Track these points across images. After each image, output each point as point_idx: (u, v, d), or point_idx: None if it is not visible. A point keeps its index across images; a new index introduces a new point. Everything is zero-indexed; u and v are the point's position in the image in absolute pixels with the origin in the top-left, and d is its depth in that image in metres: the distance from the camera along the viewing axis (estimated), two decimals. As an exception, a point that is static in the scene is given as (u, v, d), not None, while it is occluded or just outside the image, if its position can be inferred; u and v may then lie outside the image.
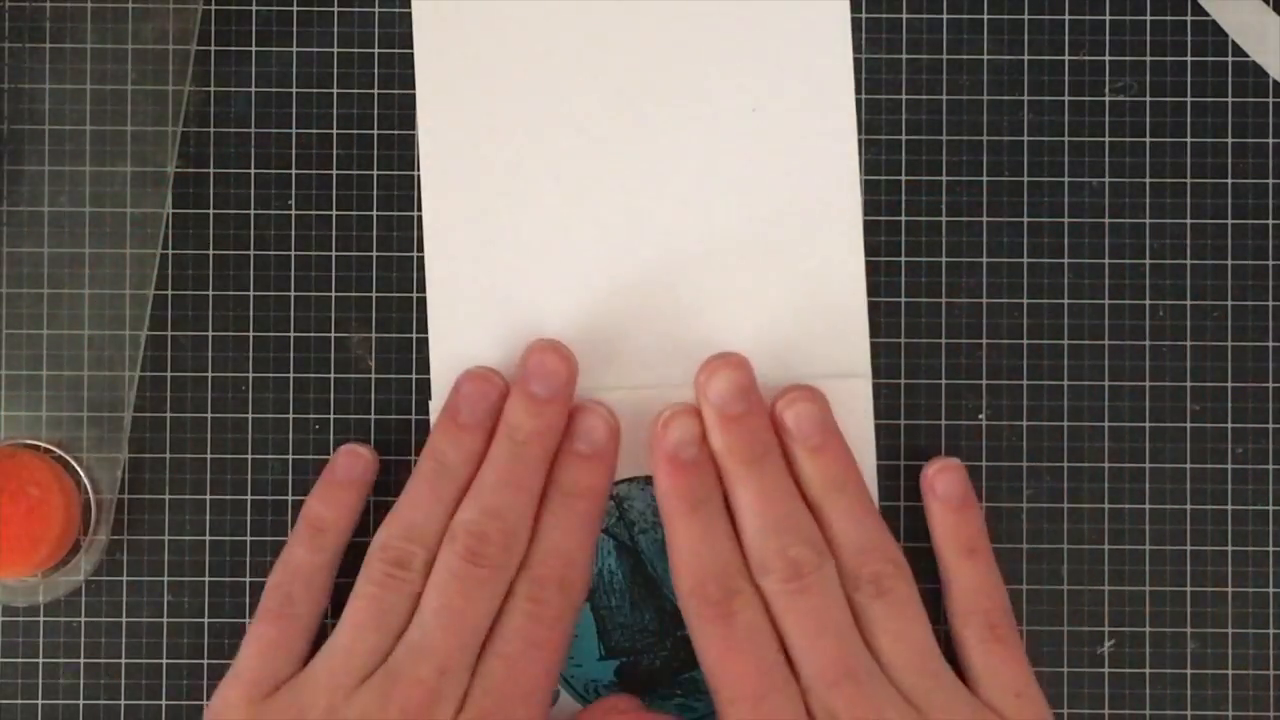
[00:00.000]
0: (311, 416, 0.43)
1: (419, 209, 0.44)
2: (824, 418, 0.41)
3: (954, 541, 0.42)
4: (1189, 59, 0.44)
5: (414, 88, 0.44)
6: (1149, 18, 0.44)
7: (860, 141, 0.44)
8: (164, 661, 0.43)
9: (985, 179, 0.44)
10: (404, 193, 0.44)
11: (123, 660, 0.43)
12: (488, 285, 0.43)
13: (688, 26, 0.43)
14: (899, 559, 0.41)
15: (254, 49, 0.44)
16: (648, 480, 0.42)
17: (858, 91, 0.44)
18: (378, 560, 0.40)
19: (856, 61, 0.44)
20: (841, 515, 0.40)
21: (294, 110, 0.44)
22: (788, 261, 0.43)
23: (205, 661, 0.43)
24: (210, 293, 0.44)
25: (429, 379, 0.43)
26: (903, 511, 0.43)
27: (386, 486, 0.43)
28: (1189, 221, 0.44)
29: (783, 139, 0.43)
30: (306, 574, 0.41)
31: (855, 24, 0.44)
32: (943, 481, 0.42)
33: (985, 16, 0.44)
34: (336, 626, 0.40)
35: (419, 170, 0.43)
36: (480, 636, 0.39)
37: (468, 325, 0.43)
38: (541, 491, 0.40)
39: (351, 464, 0.42)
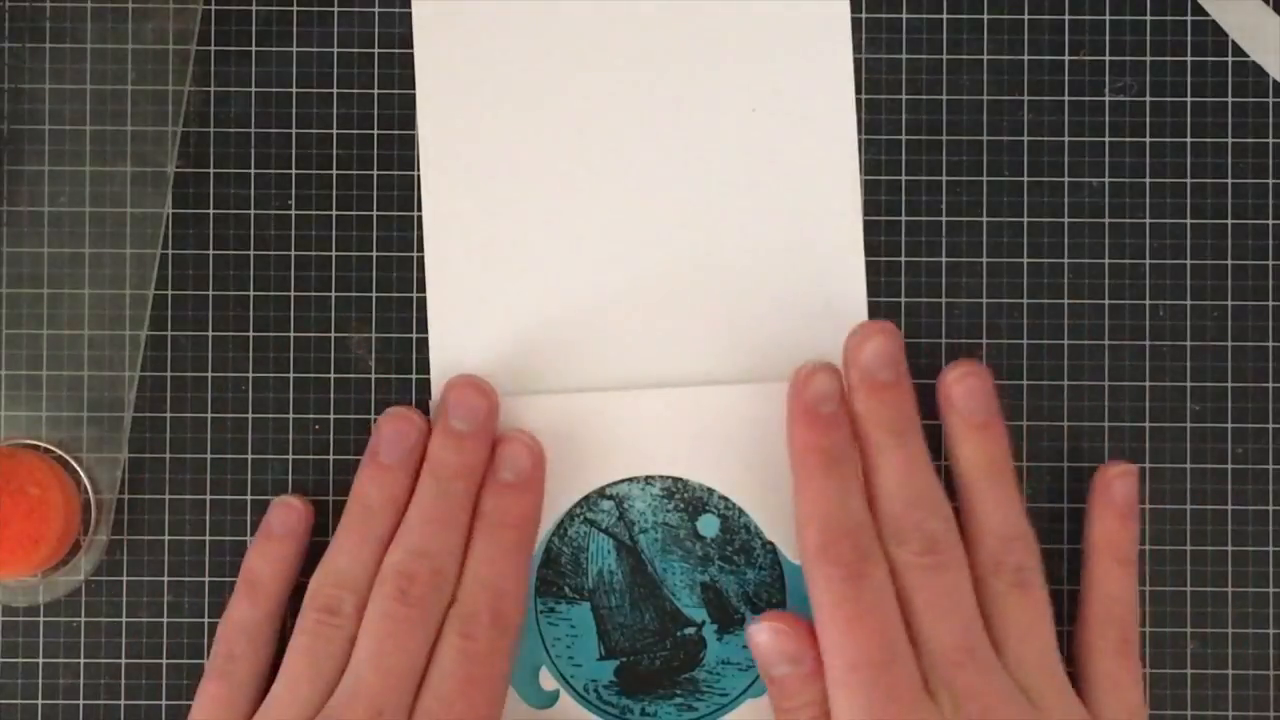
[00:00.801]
0: (311, 416, 0.43)
1: (419, 209, 0.44)
2: (992, 397, 0.41)
3: (1112, 548, 0.41)
4: (1189, 59, 0.44)
5: (414, 88, 0.44)
6: (1149, 18, 0.44)
7: (860, 141, 0.44)
8: (164, 661, 0.43)
9: (985, 179, 0.44)
10: (404, 193, 0.44)
11: (123, 660, 0.43)
12: (487, 286, 0.43)
13: (688, 27, 0.43)
14: (1039, 557, 0.40)
15: (254, 49, 0.44)
16: (648, 480, 0.42)
17: (857, 91, 0.44)
18: (310, 609, 0.40)
19: (856, 61, 0.44)
20: (993, 499, 0.40)
21: (294, 110, 0.44)
22: (788, 262, 0.43)
23: (205, 662, 0.43)
24: (210, 293, 0.44)
25: (429, 379, 0.43)
26: (903, 511, 0.43)
27: (386, 486, 0.43)
28: (1189, 221, 0.44)
29: (783, 139, 0.43)
30: (248, 630, 0.41)
31: (855, 24, 0.44)
32: (1119, 487, 0.42)
33: (985, 16, 0.44)
34: (276, 678, 0.40)
35: (418, 171, 0.43)
36: (415, 677, 0.39)
37: (467, 326, 0.43)
38: (470, 525, 0.41)
39: (285, 516, 0.42)
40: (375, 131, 0.44)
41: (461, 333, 0.43)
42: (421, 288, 0.43)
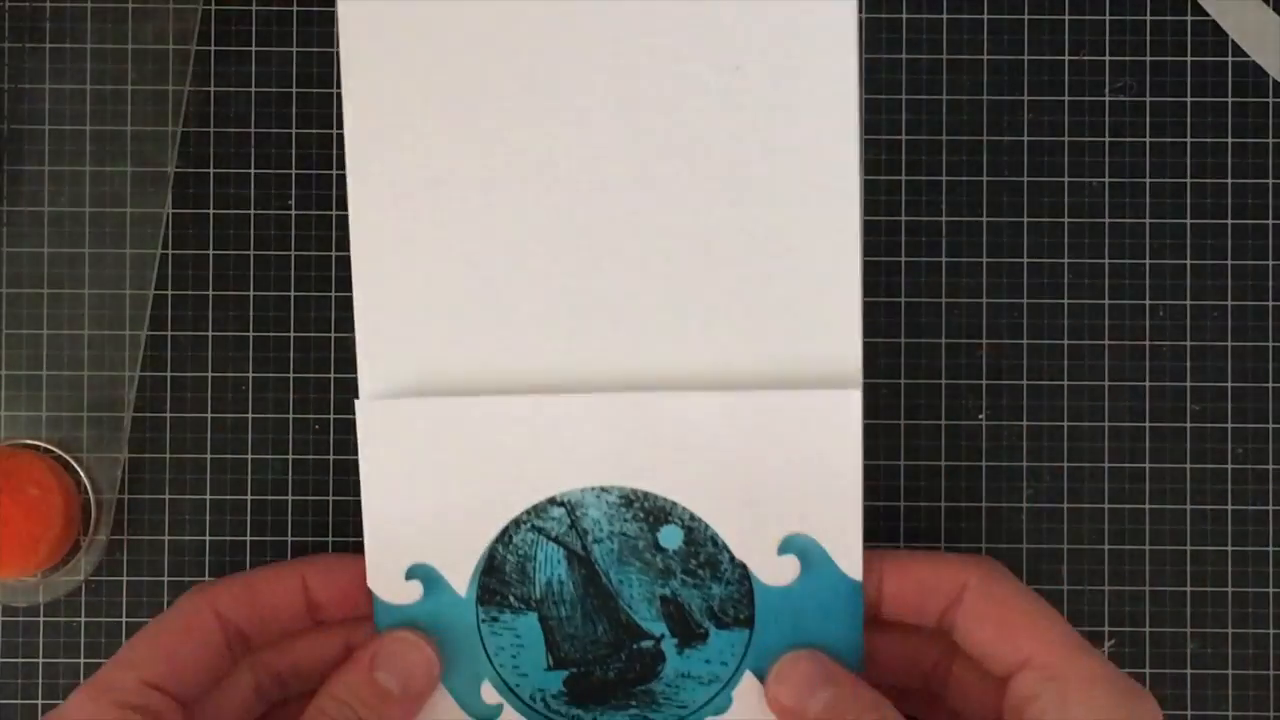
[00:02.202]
0: (311, 416, 0.43)
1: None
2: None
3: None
4: (1189, 59, 0.44)
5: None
6: (1149, 18, 0.44)
7: (860, 142, 0.44)
8: (164, 661, 0.43)
9: (985, 179, 0.44)
10: (404, 193, 0.44)
11: (123, 660, 0.43)
12: (426, 276, 0.39)
13: (680, 26, 0.39)
14: None
15: (254, 49, 0.44)
16: (604, 489, 0.39)
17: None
18: None
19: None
20: None
21: (294, 110, 0.44)
22: (771, 262, 0.39)
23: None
24: (210, 293, 0.44)
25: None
26: (903, 512, 0.43)
27: (386, 486, 0.43)
28: (1189, 221, 0.44)
29: (778, 132, 0.39)
30: None
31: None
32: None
33: (985, 16, 0.44)
34: None
35: (344, 148, 0.39)
36: None
37: (402, 317, 0.39)
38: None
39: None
40: (375, 131, 0.44)
41: (399, 324, 0.39)
42: (421, 288, 0.43)
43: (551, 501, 0.39)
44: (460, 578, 0.39)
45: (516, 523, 0.39)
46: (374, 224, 0.39)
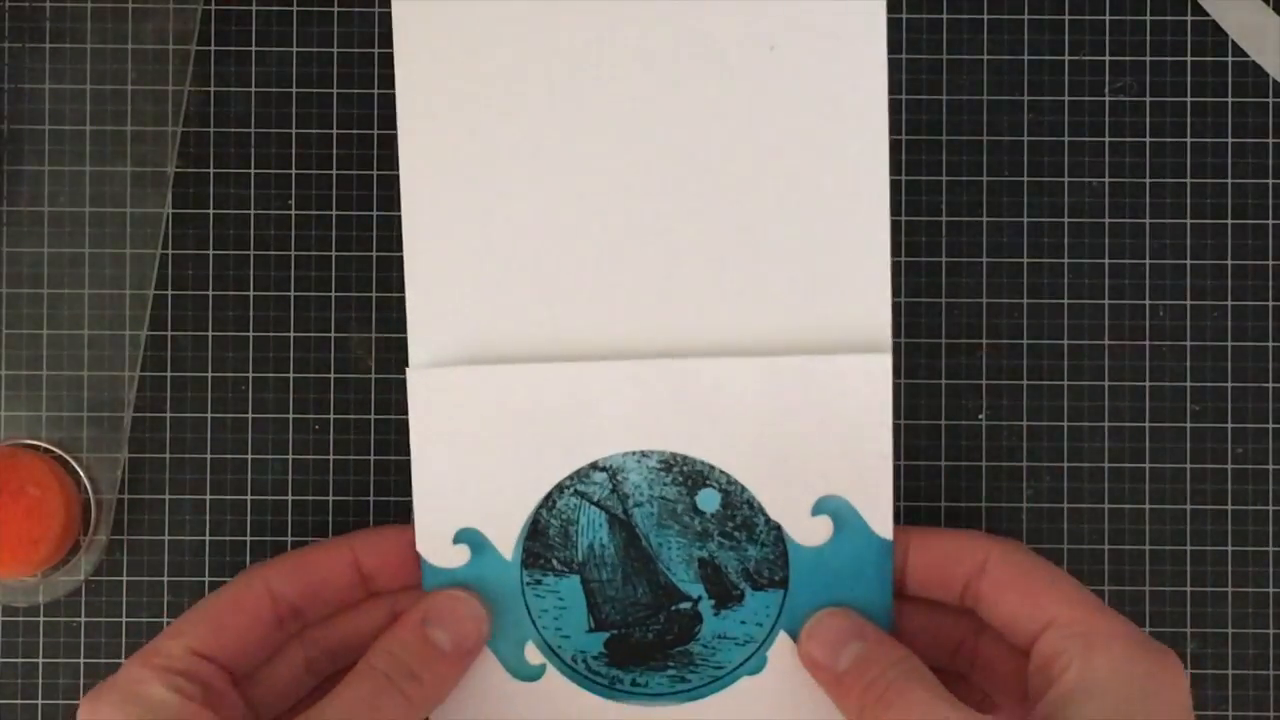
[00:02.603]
0: (311, 416, 0.43)
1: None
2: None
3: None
4: (1189, 59, 0.44)
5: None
6: (1149, 18, 0.44)
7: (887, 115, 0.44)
8: (164, 661, 0.43)
9: (985, 179, 0.44)
10: (404, 193, 0.44)
11: (123, 660, 0.43)
12: (476, 247, 0.40)
13: (718, 9, 0.40)
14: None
15: (254, 49, 0.44)
16: (644, 453, 0.41)
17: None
18: None
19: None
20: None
21: (294, 110, 0.44)
22: (803, 234, 0.40)
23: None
24: (210, 293, 0.44)
25: (429, 379, 0.43)
26: (904, 512, 0.43)
27: (386, 486, 0.43)
28: (1189, 221, 0.44)
29: (810, 108, 0.40)
30: None
31: (855, 24, 0.44)
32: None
33: (985, 16, 0.44)
34: None
35: (398, 126, 0.41)
36: None
37: (453, 288, 0.40)
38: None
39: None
40: (375, 131, 0.44)
41: (447, 295, 0.40)
42: (421, 288, 0.43)
43: (593, 466, 0.41)
44: (506, 542, 0.41)
45: (560, 487, 0.41)
46: (424, 202, 0.40)
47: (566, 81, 0.40)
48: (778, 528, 0.41)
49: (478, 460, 0.40)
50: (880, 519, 0.40)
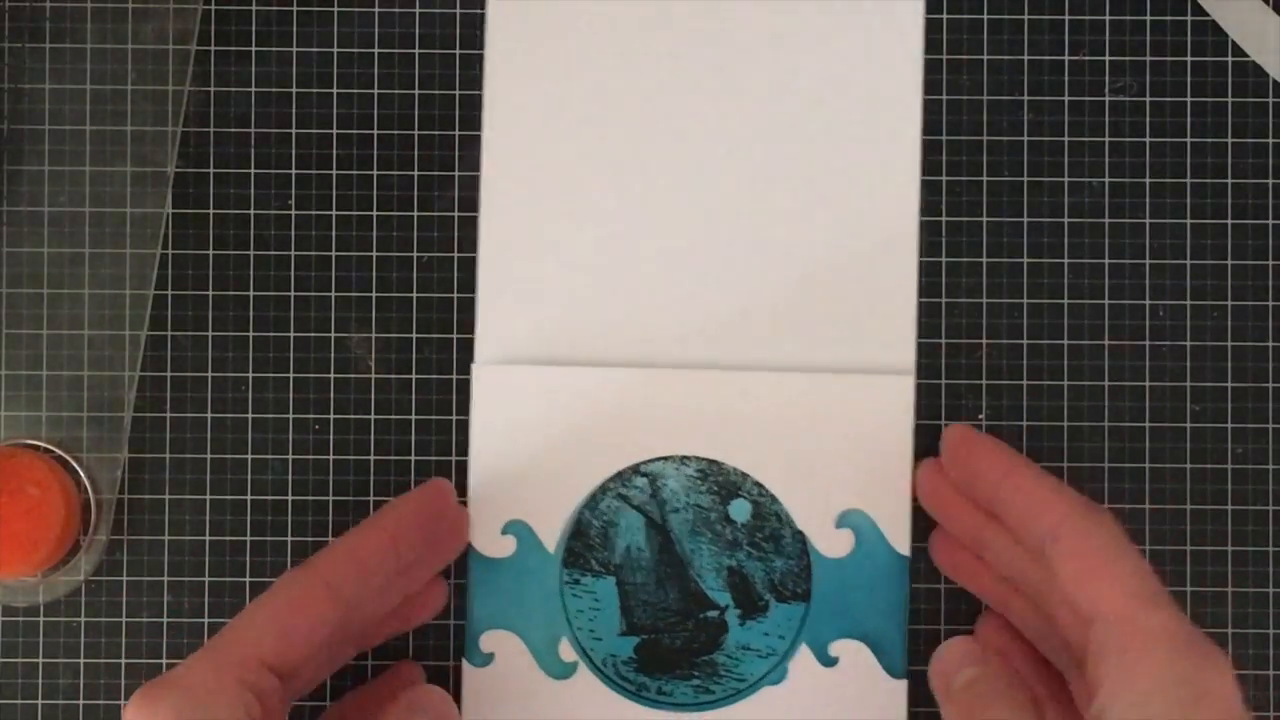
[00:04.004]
0: (311, 416, 0.43)
1: (418, 209, 0.44)
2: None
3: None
4: (1189, 59, 0.44)
5: (414, 88, 0.44)
6: (1149, 18, 0.44)
7: (921, 139, 0.44)
8: (164, 661, 0.43)
9: (985, 179, 0.44)
10: (404, 193, 0.44)
11: (123, 660, 0.43)
12: (537, 255, 0.43)
13: (756, 15, 0.44)
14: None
15: (254, 49, 0.44)
16: (683, 460, 0.42)
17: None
18: None
19: (856, 61, 0.44)
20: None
21: (294, 110, 0.44)
22: (841, 252, 0.43)
23: (205, 661, 0.43)
24: (210, 293, 0.44)
25: (429, 379, 0.43)
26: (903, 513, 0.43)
27: (386, 486, 0.43)
28: (1189, 221, 0.44)
29: (844, 133, 0.43)
30: None
31: (855, 24, 0.44)
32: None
33: (985, 16, 0.44)
34: None
35: (481, 130, 0.43)
36: None
37: (514, 294, 0.43)
38: None
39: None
40: (375, 131, 0.44)
41: (508, 300, 0.43)
42: (422, 288, 0.43)
43: (635, 471, 0.43)
44: (550, 537, 0.43)
45: (603, 489, 0.43)
46: (500, 209, 0.43)
47: (634, 105, 0.44)
48: (803, 541, 0.42)
49: (531, 456, 0.43)
50: (899, 535, 0.42)
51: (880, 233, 0.43)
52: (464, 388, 0.43)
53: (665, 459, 0.43)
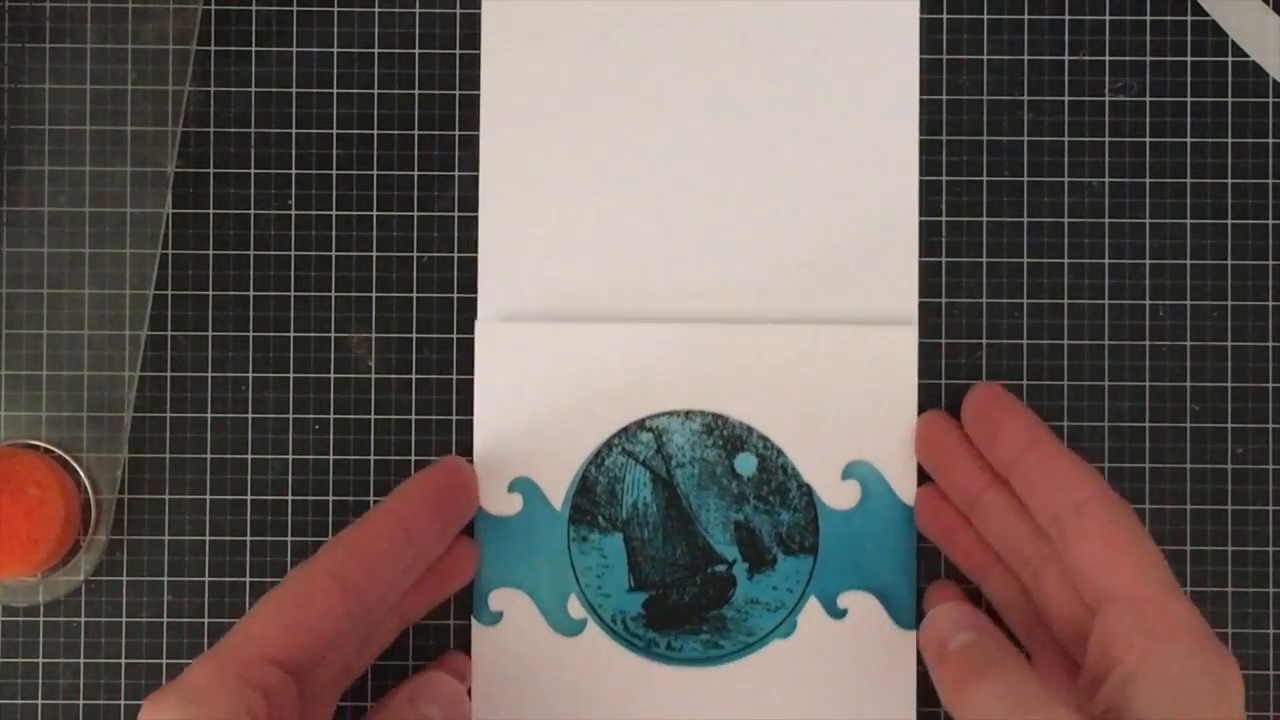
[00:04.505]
0: (311, 416, 0.43)
1: (418, 208, 0.44)
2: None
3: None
4: (1189, 59, 0.44)
5: (414, 88, 0.44)
6: (1149, 18, 0.44)
7: (920, 105, 0.44)
8: (164, 661, 0.43)
9: (985, 179, 0.44)
10: (404, 193, 0.44)
11: (123, 660, 0.43)
12: (539, 212, 0.43)
13: (770, 19, 0.44)
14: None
15: (254, 49, 0.44)
16: (688, 414, 0.43)
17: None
18: None
19: (856, 61, 0.44)
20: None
21: (294, 110, 0.44)
22: (842, 206, 0.43)
23: (205, 661, 0.43)
24: (210, 293, 0.44)
25: (429, 379, 0.43)
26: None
27: (386, 486, 0.43)
28: (1189, 221, 0.44)
29: (843, 90, 0.43)
30: None
31: (855, 24, 0.44)
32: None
33: (985, 16, 0.44)
34: None
35: (480, 90, 0.43)
36: None
37: (517, 248, 0.43)
38: None
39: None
40: (375, 131, 0.44)
41: (510, 254, 0.43)
42: (422, 288, 0.43)
43: (640, 426, 0.43)
44: (556, 493, 0.43)
45: (609, 445, 0.43)
46: (500, 169, 0.43)
47: (633, 72, 0.44)
48: (809, 494, 0.42)
49: (535, 413, 0.43)
50: (905, 486, 0.42)
51: (880, 188, 0.43)
52: (464, 387, 0.43)
53: (670, 414, 0.43)
